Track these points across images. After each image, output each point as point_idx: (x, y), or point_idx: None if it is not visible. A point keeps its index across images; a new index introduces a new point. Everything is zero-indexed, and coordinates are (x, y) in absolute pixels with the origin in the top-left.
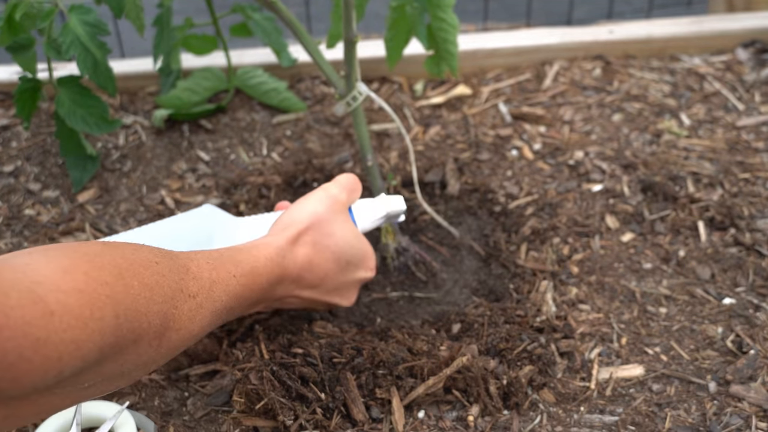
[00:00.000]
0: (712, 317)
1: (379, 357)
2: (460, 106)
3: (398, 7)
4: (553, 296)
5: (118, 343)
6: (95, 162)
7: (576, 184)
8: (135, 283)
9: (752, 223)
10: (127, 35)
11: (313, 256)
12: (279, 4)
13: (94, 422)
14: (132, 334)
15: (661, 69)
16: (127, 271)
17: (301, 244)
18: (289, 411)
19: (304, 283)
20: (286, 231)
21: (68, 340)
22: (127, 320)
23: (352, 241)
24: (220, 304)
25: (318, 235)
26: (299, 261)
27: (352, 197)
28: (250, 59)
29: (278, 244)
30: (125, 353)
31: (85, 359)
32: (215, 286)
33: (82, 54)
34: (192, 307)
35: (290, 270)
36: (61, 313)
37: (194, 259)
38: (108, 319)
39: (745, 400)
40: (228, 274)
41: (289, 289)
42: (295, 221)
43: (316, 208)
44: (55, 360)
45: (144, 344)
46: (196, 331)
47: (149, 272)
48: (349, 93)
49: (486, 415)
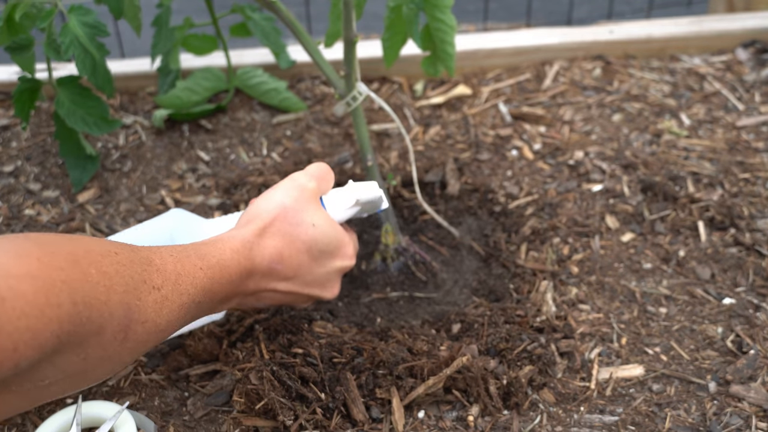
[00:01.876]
0: (712, 317)
1: (379, 357)
2: (460, 106)
3: (396, 8)
4: (553, 296)
5: (78, 332)
6: (95, 162)
7: (576, 184)
8: (93, 270)
9: (752, 223)
10: (127, 35)
11: (283, 247)
12: (279, 4)
13: (94, 422)
14: (93, 325)
15: (661, 69)
16: (84, 259)
17: (269, 236)
18: (289, 411)
19: (277, 275)
20: (252, 223)
21: (23, 328)
22: (87, 308)
23: (325, 229)
24: (187, 297)
25: (286, 225)
26: (268, 253)
27: (323, 186)
28: (249, 59)
29: (243, 236)
30: (87, 345)
31: (42, 349)
32: (181, 279)
33: (81, 55)
34: (157, 299)
35: (259, 262)
36: (13, 299)
37: (157, 252)
38: (66, 306)
39: (745, 400)
40: (194, 267)
41: (262, 283)
42: (261, 213)
43: (282, 199)
44: (9, 351)
45: (107, 336)
46: (163, 325)
47: (108, 261)
48: (349, 93)
49: (486, 415)
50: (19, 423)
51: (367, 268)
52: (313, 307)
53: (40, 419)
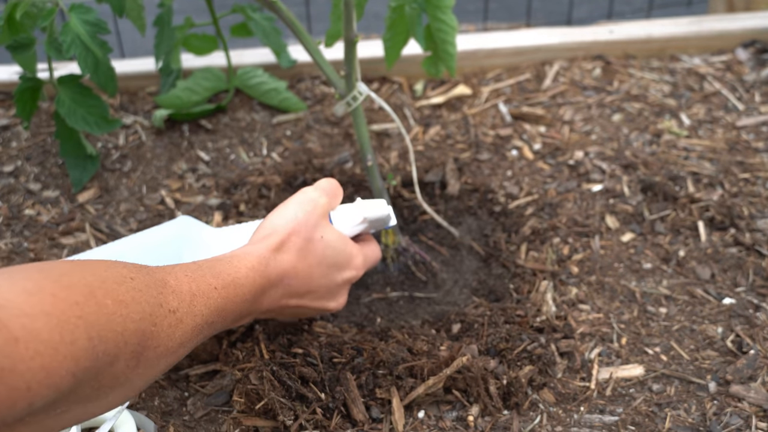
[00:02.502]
0: (712, 317)
1: (379, 357)
2: (460, 106)
3: (397, 8)
4: (553, 296)
5: (94, 366)
6: (95, 162)
7: (576, 184)
8: (108, 301)
9: (752, 223)
10: (127, 35)
11: (297, 262)
12: (279, 4)
13: (94, 422)
14: (108, 356)
15: (661, 69)
16: (99, 289)
17: (285, 251)
18: (289, 411)
19: (290, 291)
20: (268, 239)
21: (36, 367)
22: (102, 342)
23: (336, 243)
24: (200, 318)
25: (301, 241)
26: (282, 268)
27: (333, 202)
28: (250, 59)
29: (260, 253)
30: (101, 376)
31: (58, 388)
32: (196, 300)
33: (82, 53)
34: (172, 323)
35: (274, 279)
36: (27, 339)
37: (172, 273)
38: (81, 342)
39: (745, 400)
40: (209, 287)
41: (276, 299)
42: (277, 228)
43: (296, 214)
44: (23, 390)
45: (121, 365)
46: (175, 348)
47: (123, 288)
48: (349, 93)
49: (486, 415)
50: None
51: None
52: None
53: None
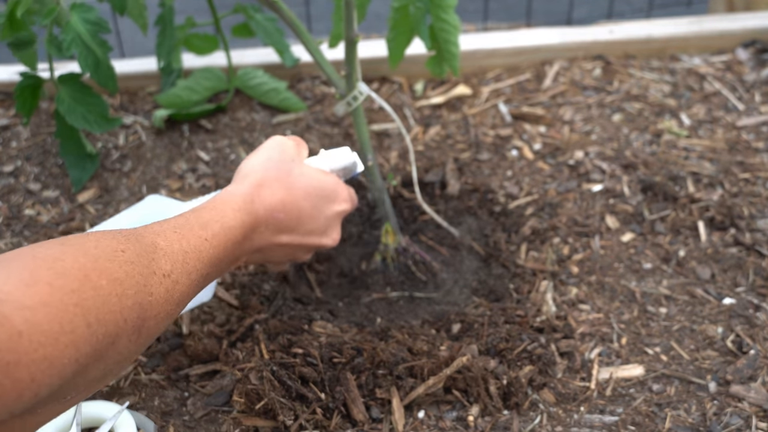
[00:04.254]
0: (712, 317)
1: (379, 357)
2: (460, 106)
3: (401, 8)
4: (553, 296)
5: (96, 350)
6: (95, 161)
7: (576, 184)
8: (103, 282)
9: (752, 223)
10: (127, 35)
11: (283, 195)
12: (280, 4)
13: (94, 422)
14: (109, 338)
15: (661, 69)
16: (93, 271)
17: (268, 186)
18: (289, 411)
19: (280, 226)
20: (248, 178)
21: (39, 359)
22: (101, 325)
23: (318, 175)
24: (195, 274)
25: (282, 174)
26: (269, 202)
27: (300, 150)
28: (250, 59)
29: (243, 191)
30: (105, 357)
31: (61, 376)
32: (188, 257)
33: (83, 52)
34: (168, 287)
35: (262, 214)
36: (30, 332)
37: (161, 233)
38: (80, 330)
39: (745, 400)
40: (199, 239)
41: (266, 236)
42: (255, 167)
43: (270, 154)
44: (27, 382)
45: (123, 342)
46: (173, 310)
47: (116, 264)
48: (349, 93)
49: (486, 415)
50: None
51: (367, 268)
52: (313, 307)
53: None
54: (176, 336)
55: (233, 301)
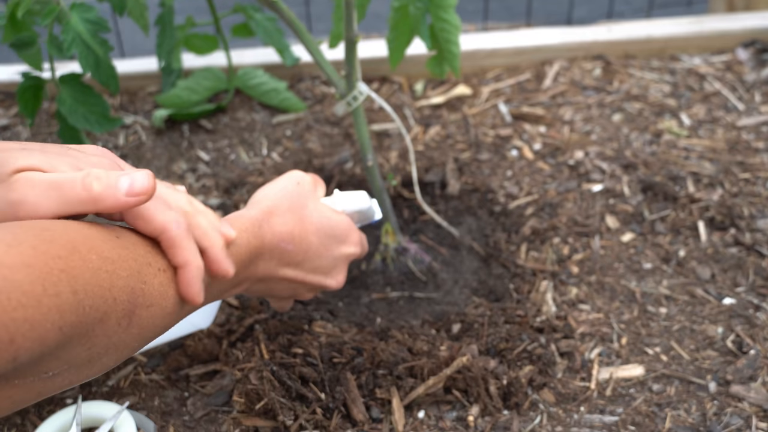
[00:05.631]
0: (712, 317)
1: (379, 357)
2: (460, 106)
3: (401, 8)
4: (553, 296)
5: (82, 322)
6: None
7: (576, 184)
8: (93, 256)
9: (752, 223)
10: (127, 35)
11: (293, 226)
12: (280, 4)
13: (94, 422)
14: (97, 312)
15: (661, 69)
16: (83, 245)
17: (279, 215)
18: (289, 411)
19: (286, 258)
20: (260, 204)
21: (20, 319)
22: (89, 296)
23: (331, 215)
24: None
25: (295, 207)
26: (278, 231)
27: (317, 188)
28: (250, 59)
29: (252, 216)
30: (92, 335)
31: (43, 342)
32: None
33: (83, 52)
34: (163, 282)
35: (269, 241)
36: (9, 289)
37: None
38: (65, 295)
39: (745, 400)
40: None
41: (272, 266)
42: (269, 195)
43: (285, 185)
44: (6, 342)
45: (112, 323)
46: (170, 308)
47: (109, 245)
48: (349, 93)
49: (486, 415)
50: (18, 423)
51: (367, 268)
52: (313, 307)
53: (39, 419)
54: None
55: (233, 301)
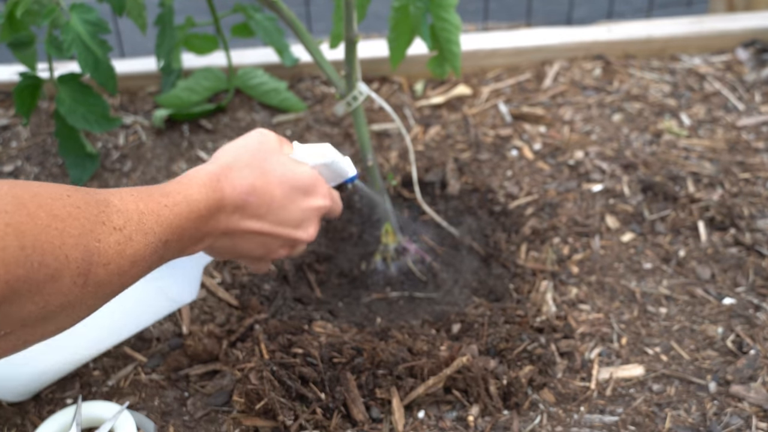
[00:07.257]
0: (712, 317)
1: (379, 357)
2: (460, 106)
3: (401, 8)
4: (553, 296)
5: (31, 278)
6: (95, 161)
7: (576, 184)
8: (42, 213)
9: (752, 223)
10: (127, 35)
11: (255, 179)
12: (280, 4)
13: (94, 422)
14: (48, 269)
15: (661, 69)
16: (31, 202)
17: (238, 169)
18: (289, 411)
19: (249, 210)
20: (218, 159)
21: None
22: (37, 252)
23: (296, 166)
24: (153, 236)
25: (255, 161)
26: (239, 183)
27: (283, 145)
28: (250, 59)
29: (209, 170)
30: (45, 293)
31: None
32: (145, 218)
33: (83, 52)
34: (120, 240)
35: (229, 194)
36: None
37: (116, 193)
38: (11, 249)
39: (745, 400)
40: (158, 205)
41: (234, 219)
42: (227, 151)
43: (247, 142)
44: None
45: (66, 281)
46: (128, 267)
47: (59, 204)
48: (349, 93)
49: (486, 415)
50: (18, 423)
51: (367, 268)
52: (313, 307)
53: (39, 419)
54: (176, 336)
55: (233, 301)
